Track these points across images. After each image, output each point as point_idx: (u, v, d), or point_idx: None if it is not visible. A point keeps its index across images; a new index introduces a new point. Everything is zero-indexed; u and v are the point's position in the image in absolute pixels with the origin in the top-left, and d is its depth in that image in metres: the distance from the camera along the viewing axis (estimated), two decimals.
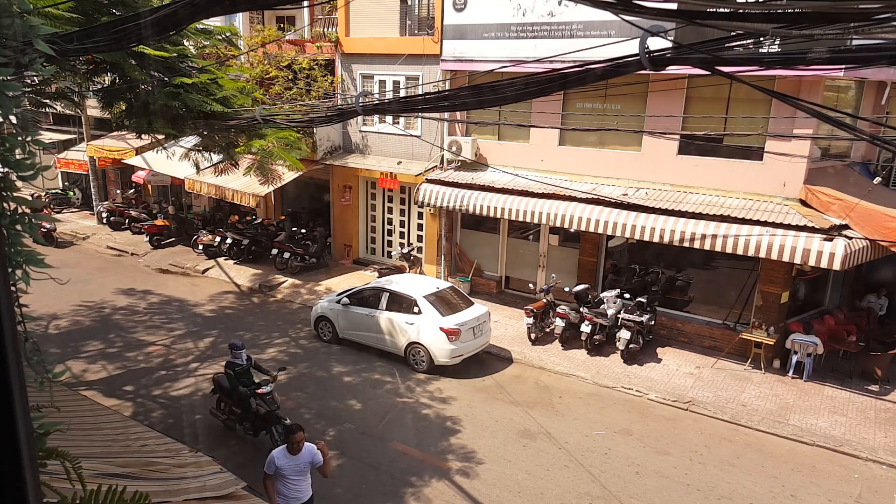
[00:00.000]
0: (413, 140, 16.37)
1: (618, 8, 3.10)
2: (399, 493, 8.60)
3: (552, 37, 13.11)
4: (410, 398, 11.32)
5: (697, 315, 13.66)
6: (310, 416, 10.61)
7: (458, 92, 5.30)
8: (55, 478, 3.17)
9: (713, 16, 3.08)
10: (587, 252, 14.60)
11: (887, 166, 13.36)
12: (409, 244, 17.46)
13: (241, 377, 9.47)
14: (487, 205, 14.36)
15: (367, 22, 16.95)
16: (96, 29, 5.23)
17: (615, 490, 8.74)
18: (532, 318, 13.35)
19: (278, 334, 14.16)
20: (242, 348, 9.53)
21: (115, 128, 11.86)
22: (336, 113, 7.24)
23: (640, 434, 10.25)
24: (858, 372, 12.17)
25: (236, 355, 9.46)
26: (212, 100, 8.25)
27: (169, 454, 5.62)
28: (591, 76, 4.03)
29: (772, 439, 10.19)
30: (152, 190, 24.21)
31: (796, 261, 11.02)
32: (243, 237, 19.08)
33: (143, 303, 15.96)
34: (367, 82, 17.38)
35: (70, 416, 5.91)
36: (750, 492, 8.78)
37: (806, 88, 11.10)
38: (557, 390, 11.78)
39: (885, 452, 9.71)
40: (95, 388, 11.24)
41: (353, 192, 18.45)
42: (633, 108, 13.02)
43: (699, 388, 11.68)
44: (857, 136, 9.95)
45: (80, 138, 24.43)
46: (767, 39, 4.01)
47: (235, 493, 5.11)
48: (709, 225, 11.73)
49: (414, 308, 12.29)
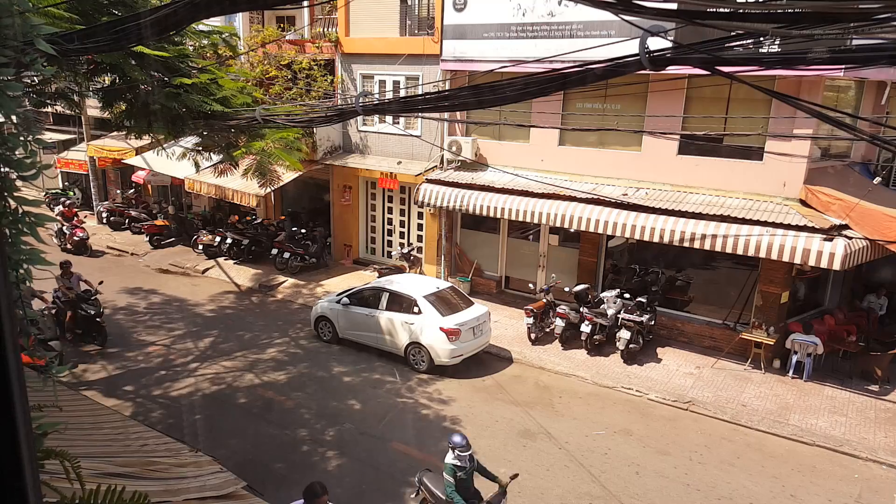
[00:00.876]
0: (413, 140, 16.37)
1: (618, 8, 3.10)
2: (399, 493, 8.59)
3: (552, 37, 13.11)
4: (410, 398, 11.32)
5: (697, 315, 13.66)
6: (310, 416, 10.61)
7: (458, 92, 5.30)
8: (55, 478, 3.17)
9: (713, 16, 3.08)
10: (587, 252, 14.60)
11: (887, 166, 13.36)
12: (409, 244, 17.46)
13: (462, 485, 7.04)
14: (487, 205, 14.36)
15: (367, 22, 16.95)
16: (96, 29, 5.23)
17: (615, 490, 8.74)
18: (532, 318, 13.35)
19: (278, 334, 14.16)
20: (469, 448, 7.02)
21: (116, 128, 11.85)
22: (336, 113, 7.24)
23: (640, 434, 10.25)
24: (858, 372, 12.17)
25: (461, 457, 6.94)
26: (211, 100, 8.24)
27: (169, 454, 5.62)
28: (591, 76, 4.02)
29: (772, 439, 10.19)
30: (152, 190, 24.21)
31: (796, 261, 11.02)
32: (243, 237, 19.08)
33: (144, 303, 15.97)
34: (367, 82, 17.38)
35: (70, 416, 5.91)
36: (750, 492, 8.78)
37: (806, 88, 11.10)
38: (557, 390, 11.78)
39: (885, 452, 9.71)
40: (95, 388, 11.25)
41: (353, 192, 18.45)
42: (633, 108, 13.02)
43: (699, 388, 11.68)
44: (857, 136, 9.95)
45: (80, 138, 24.44)
46: (767, 39, 4.01)
47: (235, 492, 5.11)
48: (709, 225, 11.73)
49: (414, 308, 12.29)
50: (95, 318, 12.97)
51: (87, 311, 12.97)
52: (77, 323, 13.08)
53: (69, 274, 13.31)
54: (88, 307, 13.00)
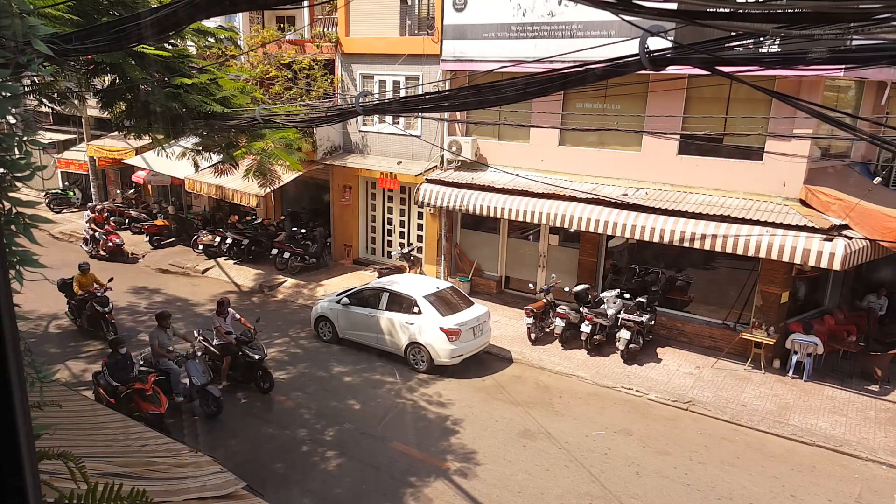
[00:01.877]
0: (413, 140, 16.37)
1: (618, 8, 3.10)
2: (399, 493, 8.60)
3: (552, 37, 13.11)
4: (410, 398, 11.32)
5: (697, 315, 13.66)
6: (310, 416, 10.61)
7: (458, 92, 5.29)
8: (55, 478, 3.17)
9: (713, 16, 3.08)
10: (587, 252, 14.60)
11: (887, 166, 13.36)
12: (409, 244, 17.46)
13: None
14: (487, 205, 14.36)
15: (367, 22, 16.95)
16: (96, 29, 5.23)
17: (615, 490, 8.73)
18: (532, 318, 13.35)
19: (278, 334, 14.16)
20: None
21: (115, 128, 11.83)
22: (336, 113, 7.24)
23: (640, 434, 10.25)
24: (858, 372, 12.17)
25: None
26: (211, 100, 8.24)
27: (169, 454, 5.62)
28: (591, 76, 4.02)
29: (772, 439, 10.19)
30: (152, 190, 24.21)
31: (796, 261, 11.02)
32: (243, 237, 19.08)
33: (144, 303, 15.97)
34: (367, 82, 17.38)
35: (70, 416, 5.91)
36: (750, 492, 8.78)
37: (806, 88, 11.10)
38: (557, 390, 11.78)
39: (885, 452, 9.71)
40: None
41: (353, 192, 18.45)
42: (633, 108, 13.02)
43: (699, 388, 11.68)
44: (857, 136, 9.95)
45: (80, 138, 24.44)
46: (767, 39, 4.01)
47: (235, 493, 5.11)
48: (709, 225, 11.73)
49: (414, 308, 12.29)
50: (259, 364, 11.15)
51: (249, 356, 11.09)
52: (237, 369, 11.36)
53: (225, 313, 11.53)
54: (250, 351, 11.10)
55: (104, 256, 19.47)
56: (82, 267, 13.87)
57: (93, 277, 13.88)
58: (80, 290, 13.61)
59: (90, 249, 19.84)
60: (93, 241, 19.80)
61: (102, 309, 13.30)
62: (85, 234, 20.23)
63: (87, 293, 13.52)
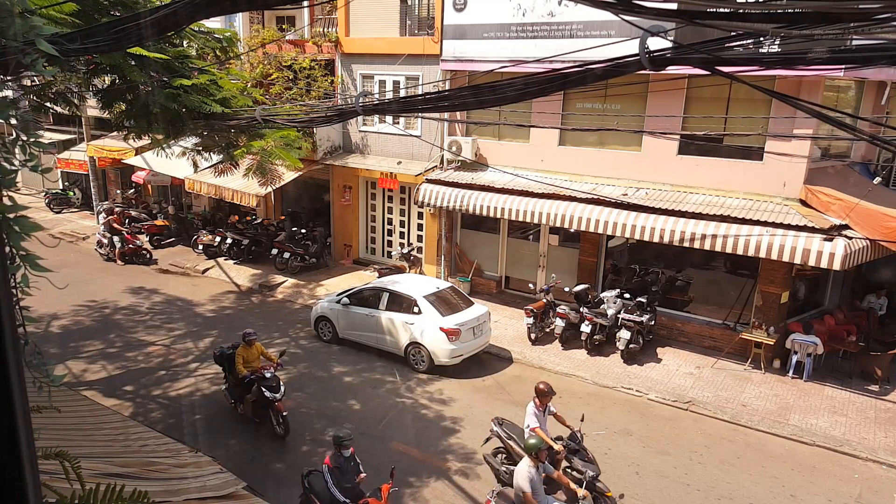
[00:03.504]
0: (413, 140, 16.37)
1: (618, 8, 3.10)
2: (399, 493, 8.59)
3: (552, 37, 13.11)
4: (410, 398, 11.32)
5: (697, 315, 13.66)
6: (310, 416, 10.61)
7: (458, 92, 5.29)
8: (55, 478, 3.17)
9: (713, 16, 3.08)
10: (587, 252, 14.60)
11: (887, 166, 13.36)
12: (409, 244, 17.46)
13: None
14: (487, 205, 14.36)
15: (367, 22, 16.95)
16: (96, 29, 5.23)
17: (615, 490, 8.72)
18: (532, 318, 13.35)
19: (278, 334, 14.16)
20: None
21: (115, 128, 11.82)
22: (336, 113, 7.23)
23: (640, 434, 10.25)
24: (858, 372, 12.17)
25: None
26: (211, 100, 8.23)
27: (169, 454, 5.62)
28: (591, 76, 4.02)
29: (772, 439, 10.19)
30: (152, 190, 24.22)
31: (796, 261, 11.02)
32: (243, 237, 19.09)
33: (144, 303, 15.97)
34: (367, 82, 17.38)
35: (70, 416, 5.91)
36: (750, 492, 8.78)
37: (806, 88, 11.10)
38: (557, 390, 11.74)
39: (885, 452, 9.71)
40: (95, 388, 11.24)
41: (353, 192, 18.45)
42: (633, 108, 13.03)
43: (699, 388, 11.68)
44: (857, 136, 9.95)
45: (81, 138, 24.43)
46: (767, 39, 4.01)
47: (235, 493, 5.11)
48: (709, 225, 11.73)
49: (414, 308, 12.29)
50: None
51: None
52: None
53: None
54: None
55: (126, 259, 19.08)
56: (247, 338, 10.32)
57: (259, 350, 10.49)
58: (245, 368, 10.13)
59: (106, 253, 19.42)
60: (109, 245, 19.26)
61: (273, 396, 9.87)
62: (99, 236, 19.67)
63: (253, 374, 10.04)
